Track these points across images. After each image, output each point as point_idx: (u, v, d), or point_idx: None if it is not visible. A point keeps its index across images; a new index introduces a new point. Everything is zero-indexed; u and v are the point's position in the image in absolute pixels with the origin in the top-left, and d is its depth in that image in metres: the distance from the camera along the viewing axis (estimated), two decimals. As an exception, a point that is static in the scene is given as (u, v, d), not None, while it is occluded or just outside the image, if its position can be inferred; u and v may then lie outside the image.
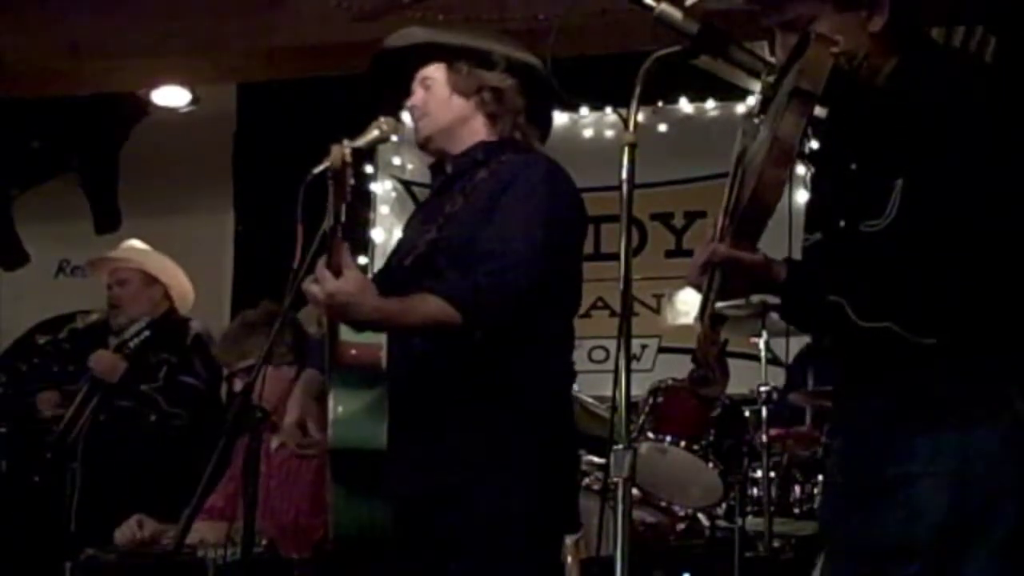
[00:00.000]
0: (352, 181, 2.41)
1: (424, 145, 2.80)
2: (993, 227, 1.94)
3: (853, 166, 2.10)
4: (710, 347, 1.91)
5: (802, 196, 5.09)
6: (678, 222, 5.96)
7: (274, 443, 3.80)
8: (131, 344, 4.52)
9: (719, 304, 1.97)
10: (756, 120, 2.09)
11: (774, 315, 4.03)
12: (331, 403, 2.53)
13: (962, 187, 1.94)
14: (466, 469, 2.52)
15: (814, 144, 2.33)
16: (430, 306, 2.45)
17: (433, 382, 2.56)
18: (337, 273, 2.41)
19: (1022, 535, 1.93)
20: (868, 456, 2.05)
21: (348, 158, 2.37)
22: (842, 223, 2.08)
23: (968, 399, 1.96)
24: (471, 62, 2.74)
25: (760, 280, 2.03)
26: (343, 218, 2.40)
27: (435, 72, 2.76)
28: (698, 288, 1.99)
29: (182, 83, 5.94)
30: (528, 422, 2.54)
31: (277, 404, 3.74)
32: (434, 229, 2.65)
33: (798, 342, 4.55)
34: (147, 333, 4.53)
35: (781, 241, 2.79)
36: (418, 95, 2.78)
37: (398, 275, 2.71)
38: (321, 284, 2.41)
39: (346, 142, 2.41)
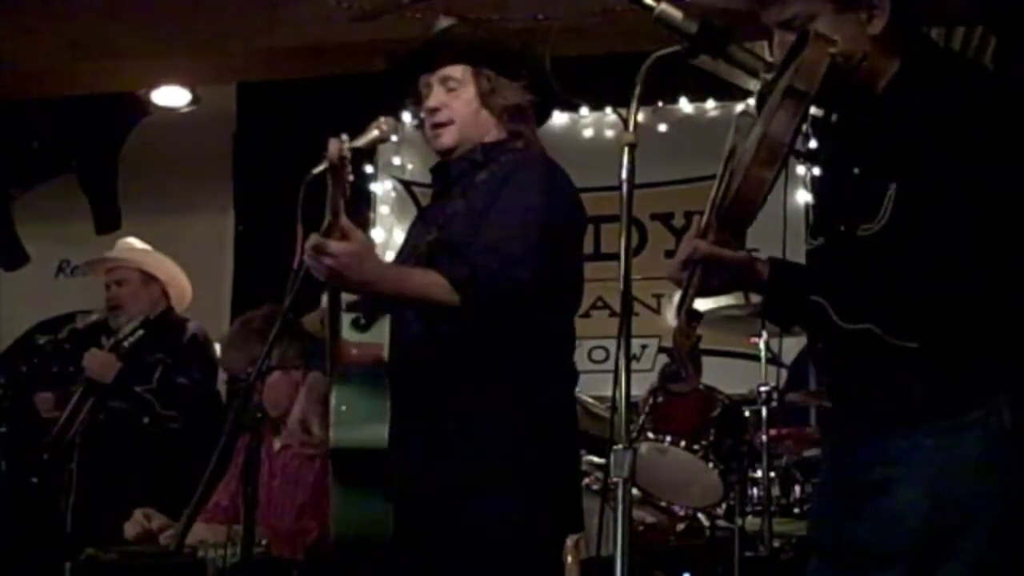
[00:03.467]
0: (351, 176, 2.40)
1: (444, 152, 2.78)
2: (981, 233, 1.93)
3: (856, 171, 2.09)
4: (684, 341, 1.91)
5: (800, 196, 5.11)
6: (678, 222, 5.96)
7: (277, 444, 3.80)
8: (125, 344, 4.51)
9: (718, 304, 1.97)
10: (752, 118, 2.09)
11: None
12: (332, 403, 2.53)
13: (953, 193, 1.93)
14: (467, 470, 2.51)
15: (813, 144, 2.33)
16: (429, 279, 2.46)
17: (435, 383, 2.56)
18: (343, 236, 2.39)
19: (1001, 541, 1.93)
20: (852, 459, 2.06)
21: (346, 152, 2.35)
22: (842, 228, 2.08)
23: (951, 405, 1.95)
24: (496, 70, 2.71)
25: (742, 277, 2.03)
26: (342, 213, 2.39)
27: (461, 74, 2.72)
28: (679, 283, 1.99)
29: (182, 83, 5.95)
30: (530, 422, 2.54)
31: (287, 407, 3.76)
32: (435, 230, 2.65)
33: (799, 342, 4.55)
34: (141, 332, 4.52)
35: (776, 241, 2.80)
36: (439, 96, 2.73)
37: None
38: (323, 247, 2.37)
39: (344, 136, 2.40)
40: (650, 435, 4.11)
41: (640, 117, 2.01)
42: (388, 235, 6.03)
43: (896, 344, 1.93)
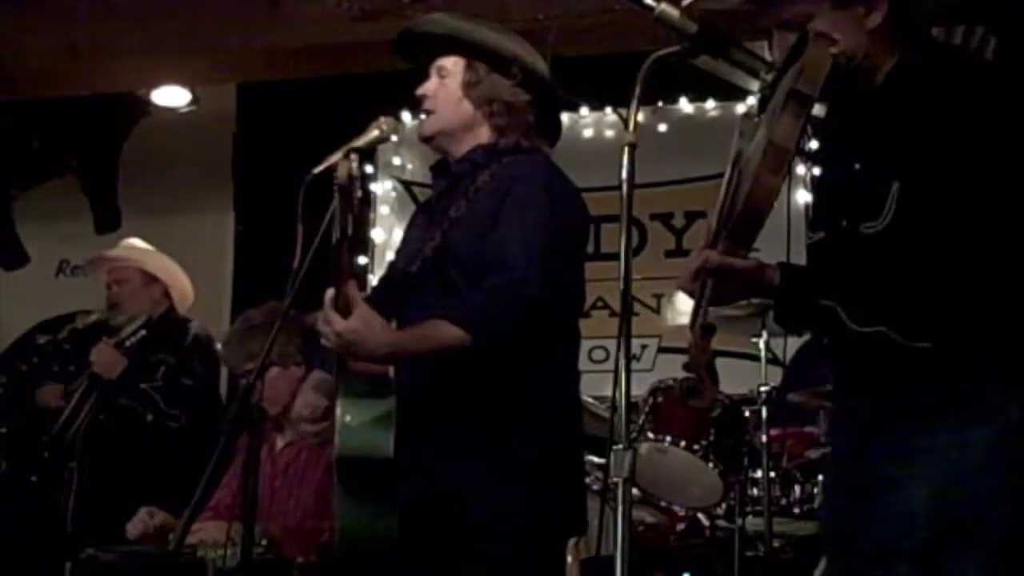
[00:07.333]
0: (360, 193, 2.43)
1: (426, 142, 2.80)
2: (987, 231, 1.93)
3: (856, 165, 2.10)
4: (700, 356, 1.90)
5: (802, 196, 5.12)
6: (678, 222, 5.96)
7: (280, 443, 3.79)
8: (128, 343, 4.51)
9: (717, 307, 1.97)
10: (754, 120, 2.09)
11: (774, 315, 4.02)
12: (339, 411, 2.53)
13: (957, 191, 1.93)
14: (472, 473, 2.52)
15: (814, 143, 2.32)
16: (439, 332, 2.46)
17: (440, 388, 2.56)
18: (345, 312, 2.42)
19: (1013, 537, 1.93)
20: (864, 457, 2.06)
21: (355, 172, 2.39)
22: (844, 223, 2.08)
23: (960, 402, 1.96)
24: (489, 64, 2.72)
25: (753, 285, 2.03)
26: (351, 231, 2.41)
27: (453, 65, 2.74)
28: (691, 294, 1.99)
29: (182, 83, 5.94)
30: (535, 426, 2.55)
31: (287, 404, 3.75)
32: (439, 234, 2.65)
33: (797, 341, 4.55)
34: (143, 332, 4.52)
35: (779, 241, 2.79)
36: (431, 83, 2.76)
37: (405, 281, 2.71)
38: (329, 324, 2.42)
39: (353, 156, 2.43)
40: (650, 435, 4.11)
41: (640, 117, 2.01)
42: (388, 235, 6.03)
43: (908, 345, 1.93)
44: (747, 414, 4.20)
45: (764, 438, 4.03)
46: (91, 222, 6.65)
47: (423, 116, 2.77)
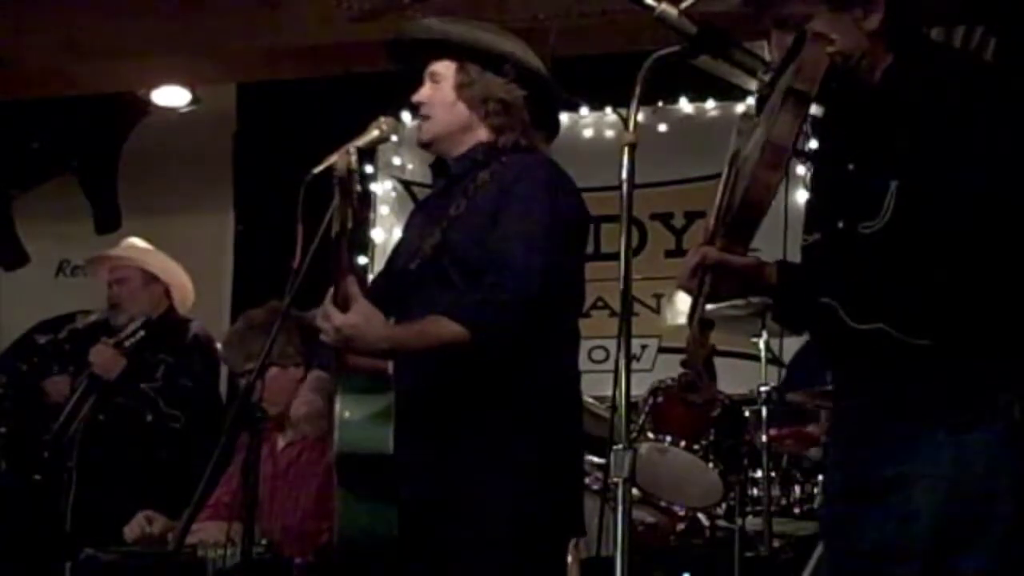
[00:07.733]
0: (359, 188, 2.44)
1: (425, 147, 2.81)
2: (987, 230, 1.93)
3: (850, 166, 2.10)
4: (699, 351, 1.91)
5: (800, 196, 5.10)
6: (678, 222, 5.96)
7: (281, 443, 3.79)
8: (127, 343, 4.51)
9: (717, 305, 1.97)
10: (753, 120, 2.09)
11: (774, 315, 4.03)
12: (338, 408, 2.54)
13: (957, 189, 1.93)
14: (472, 473, 2.52)
15: (813, 143, 2.33)
16: (439, 328, 2.46)
17: (440, 388, 2.56)
18: (344, 307, 2.42)
19: (1018, 536, 1.93)
20: (865, 457, 2.05)
21: (354, 165, 2.39)
22: (841, 224, 2.08)
23: (962, 402, 1.96)
24: (482, 64, 2.73)
25: (751, 283, 2.03)
26: (350, 224, 2.42)
27: (445, 69, 2.75)
28: (689, 291, 1.99)
29: (182, 83, 5.94)
30: (535, 426, 2.55)
31: (286, 404, 3.75)
32: (438, 232, 2.65)
33: (797, 341, 4.55)
34: (143, 332, 4.52)
35: (777, 240, 2.79)
36: (425, 90, 2.77)
37: (404, 279, 2.71)
38: (328, 319, 2.42)
39: (352, 149, 2.43)
40: (650, 435, 4.11)
41: (640, 117, 2.01)
42: (388, 235, 6.03)
43: (908, 342, 1.93)
44: (747, 414, 4.20)
45: (764, 438, 4.03)
46: (91, 222, 6.65)
47: (420, 123, 2.77)
